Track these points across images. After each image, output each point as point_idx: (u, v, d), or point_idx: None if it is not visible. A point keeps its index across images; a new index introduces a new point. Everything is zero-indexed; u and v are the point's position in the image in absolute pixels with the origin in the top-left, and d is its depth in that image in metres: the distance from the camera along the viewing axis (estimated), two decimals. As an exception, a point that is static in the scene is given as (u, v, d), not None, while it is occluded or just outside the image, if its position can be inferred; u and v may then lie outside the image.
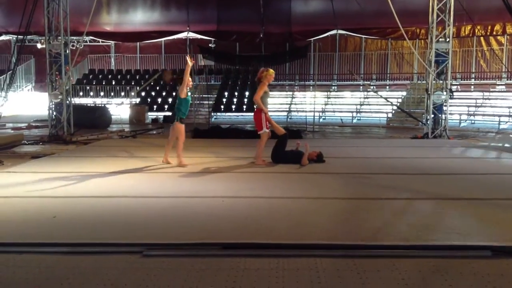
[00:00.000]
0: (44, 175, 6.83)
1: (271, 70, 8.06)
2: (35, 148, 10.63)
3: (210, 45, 23.97)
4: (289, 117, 19.91)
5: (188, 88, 8.07)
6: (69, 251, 3.70)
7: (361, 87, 22.78)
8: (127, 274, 3.28)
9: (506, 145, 11.00)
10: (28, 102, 23.19)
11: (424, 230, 4.18)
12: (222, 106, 21.61)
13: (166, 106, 21.55)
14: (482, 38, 20.74)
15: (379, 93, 20.83)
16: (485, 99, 19.03)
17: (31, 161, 8.48)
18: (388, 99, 19.30)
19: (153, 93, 22.68)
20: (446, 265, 3.42)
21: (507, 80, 19.87)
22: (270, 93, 8.48)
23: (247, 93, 22.38)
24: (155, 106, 21.44)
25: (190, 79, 7.99)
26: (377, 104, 20.67)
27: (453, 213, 4.81)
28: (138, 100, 21.63)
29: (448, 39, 12.72)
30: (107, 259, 3.55)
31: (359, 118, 20.24)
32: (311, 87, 20.28)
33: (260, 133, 7.92)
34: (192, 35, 24.59)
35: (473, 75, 21.41)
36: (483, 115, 17.90)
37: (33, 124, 16.18)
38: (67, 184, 6.29)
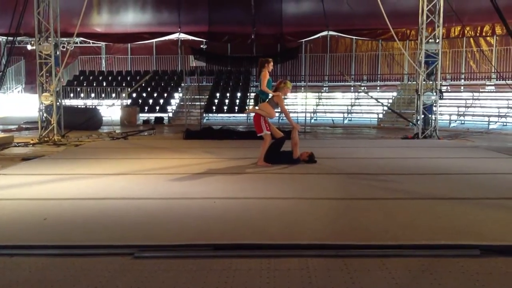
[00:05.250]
0: (34, 177, 6.79)
1: (289, 83, 8.16)
2: (25, 150, 10.57)
3: (201, 46, 23.99)
4: (281, 117, 19.93)
5: None
6: (60, 253, 3.69)
7: (352, 88, 22.89)
8: (118, 275, 3.28)
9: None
10: (18, 104, 23.01)
11: (414, 230, 4.22)
12: (213, 107, 21.62)
13: (157, 108, 21.52)
14: (471, 39, 20.91)
15: (370, 93, 20.97)
16: (475, 99, 19.20)
17: (21, 163, 8.43)
18: (378, 100, 19.43)
19: (144, 95, 22.62)
20: (436, 264, 3.45)
21: (496, 80, 20.05)
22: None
23: (238, 94, 22.41)
24: (146, 108, 21.39)
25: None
26: (368, 105, 20.80)
27: (442, 212, 4.85)
28: (129, 101, 21.56)
29: (437, 40, 12.84)
30: (98, 261, 3.54)
31: (350, 118, 20.33)
32: (302, 88, 20.33)
33: (261, 135, 7.96)
34: (183, 36, 24.58)
35: (462, 76, 21.60)
36: (473, 115, 18.07)
37: (23, 126, 16.07)
38: (58, 186, 6.26)
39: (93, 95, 22.41)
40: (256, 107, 8.11)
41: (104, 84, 23.20)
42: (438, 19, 12.71)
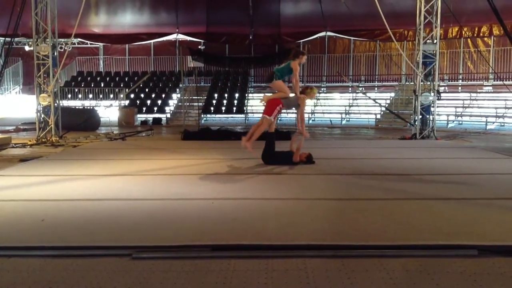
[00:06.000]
0: (32, 178, 6.78)
1: (315, 90, 8.28)
2: (23, 151, 10.55)
3: (199, 47, 24.00)
4: (279, 118, 19.95)
5: None
6: (58, 254, 3.68)
7: (350, 89, 22.92)
8: (116, 277, 3.28)
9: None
10: (16, 105, 23.01)
11: (412, 230, 4.22)
12: (212, 108, 21.62)
13: (155, 108, 21.51)
14: (469, 40, 20.98)
15: (368, 94, 21.00)
16: (472, 100, 19.24)
17: (19, 164, 8.41)
18: (376, 101, 19.45)
19: (142, 95, 22.63)
20: (433, 265, 3.46)
21: (494, 81, 20.11)
22: (261, 95, 8.62)
23: (236, 95, 22.43)
24: (144, 108, 21.39)
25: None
26: (366, 106, 20.83)
27: (440, 213, 4.86)
28: (127, 102, 21.56)
29: (435, 41, 12.86)
30: (96, 262, 3.53)
31: (348, 119, 20.36)
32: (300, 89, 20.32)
33: (265, 116, 7.92)
34: (181, 37, 24.61)
35: (460, 76, 21.65)
36: (471, 115, 18.11)
37: (21, 127, 16.05)
38: (56, 187, 6.25)
39: (91, 96, 22.40)
40: (270, 93, 8.17)
41: (102, 85, 23.20)
42: (435, 20, 12.73)
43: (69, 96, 22.09)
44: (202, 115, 20.30)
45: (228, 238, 4.01)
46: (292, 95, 8.05)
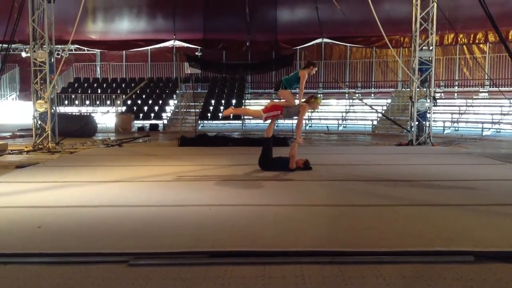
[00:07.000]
0: (29, 185, 6.76)
1: (320, 100, 8.40)
2: (19, 157, 10.52)
3: (196, 53, 24.03)
4: (276, 124, 19.89)
5: None
6: (55, 261, 3.67)
7: (346, 95, 22.99)
8: (113, 283, 3.27)
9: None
10: (13, 111, 22.96)
11: (408, 236, 4.23)
12: (208, 114, 21.64)
13: (152, 115, 21.51)
14: (464, 46, 21.09)
15: (364, 100, 21.07)
16: (468, 106, 19.32)
17: (15, 171, 8.39)
18: (373, 107, 19.50)
19: (139, 102, 22.63)
20: (430, 271, 3.46)
21: (490, 87, 20.20)
22: (258, 101, 8.71)
23: (233, 101, 22.46)
24: (141, 115, 21.40)
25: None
26: (363, 112, 20.87)
27: (437, 219, 4.87)
28: (124, 108, 21.56)
29: (431, 48, 12.94)
30: (93, 268, 3.52)
31: (344, 125, 20.41)
32: (297, 95, 20.37)
33: (262, 110, 8.09)
34: (178, 43, 24.65)
35: (456, 83, 21.75)
36: (467, 122, 18.18)
37: (18, 133, 16.02)
38: (52, 193, 6.23)
39: (87, 102, 22.38)
40: (276, 99, 8.24)
41: (99, 91, 23.19)
42: (431, 27, 12.82)
43: (66, 102, 22.07)
44: (199, 121, 20.30)
45: (226, 244, 4.00)
46: (296, 101, 8.10)
